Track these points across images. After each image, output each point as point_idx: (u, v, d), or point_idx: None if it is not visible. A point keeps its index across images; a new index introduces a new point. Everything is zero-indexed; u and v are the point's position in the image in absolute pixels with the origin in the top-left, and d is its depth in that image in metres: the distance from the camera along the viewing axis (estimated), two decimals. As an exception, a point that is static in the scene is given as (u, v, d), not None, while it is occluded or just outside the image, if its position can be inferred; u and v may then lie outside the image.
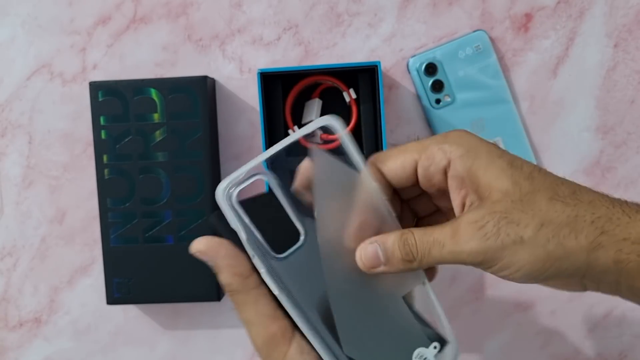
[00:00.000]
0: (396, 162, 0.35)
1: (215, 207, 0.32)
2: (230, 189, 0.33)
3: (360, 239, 0.34)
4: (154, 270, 0.56)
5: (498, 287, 0.60)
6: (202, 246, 0.33)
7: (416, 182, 0.35)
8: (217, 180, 0.58)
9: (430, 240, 0.33)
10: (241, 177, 0.33)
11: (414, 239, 0.33)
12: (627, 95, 0.59)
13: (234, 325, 0.61)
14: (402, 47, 0.59)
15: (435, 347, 0.36)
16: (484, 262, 0.31)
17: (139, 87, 0.55)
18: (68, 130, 0.60)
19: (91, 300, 0.61)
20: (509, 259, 0.31)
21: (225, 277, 0.33)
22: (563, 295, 0.60)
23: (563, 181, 0.33)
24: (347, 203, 0.34)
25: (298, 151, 0.37)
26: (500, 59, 0.58)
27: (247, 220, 0.33)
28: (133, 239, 0.56)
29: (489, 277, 0.60)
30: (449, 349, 0.36)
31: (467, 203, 0.33)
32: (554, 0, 0.58)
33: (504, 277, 0.32)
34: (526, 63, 0.59)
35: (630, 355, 0.61)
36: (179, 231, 0.56)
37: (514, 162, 0.32)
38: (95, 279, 0.61)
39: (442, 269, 0.61)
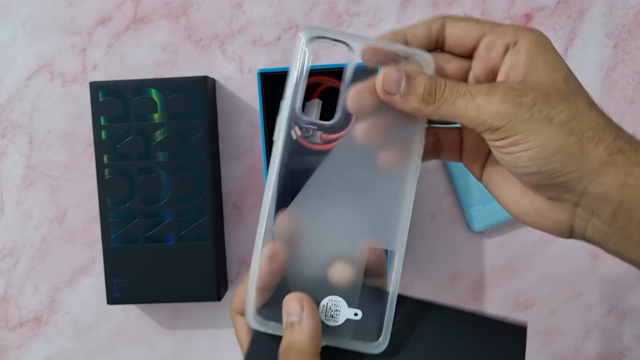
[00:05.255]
0: (465, 25, 0.34)
1: (216, 207, 0.32)
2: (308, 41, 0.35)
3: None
4: (155, 270, 0.56)
5: (498, 287, 0.61)
6: None
7: (469, 53, 0.35)
8: (217, 180, 0.58)
9: (462, 89, 0.32)
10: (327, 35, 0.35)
11: (444, 82, 0.32)
12: (626, 95, 0.59)
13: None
14: (402, 48, 0.59)
15: (355, 315, 0.32)
16: (503, 129, 0.31)
17: (139, 87, 0.56)
18: (68, 131, 0.60)
19: (92, 300, 0.61)
20: (528, 134, 0.30)
21: None
22: (563, 295, 0.60)
23: None
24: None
25: (298, 151, 0.37)
26: (500, 59, 0.59)
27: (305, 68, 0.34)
28: (133, 238, 0.56)
29: (489, 277, 0.60)
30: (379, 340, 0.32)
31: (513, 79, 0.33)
32: (554, 0, 0.59)
33: (507, 154, 0.31)
34: (526, 63, 0.59)
35: (629, 355, 0.61)
36: (179, 231, 0.56)
37: (570, 71, 0.33)
38: (96, 279, 0.61)
39: (441, 269, 0.61)
